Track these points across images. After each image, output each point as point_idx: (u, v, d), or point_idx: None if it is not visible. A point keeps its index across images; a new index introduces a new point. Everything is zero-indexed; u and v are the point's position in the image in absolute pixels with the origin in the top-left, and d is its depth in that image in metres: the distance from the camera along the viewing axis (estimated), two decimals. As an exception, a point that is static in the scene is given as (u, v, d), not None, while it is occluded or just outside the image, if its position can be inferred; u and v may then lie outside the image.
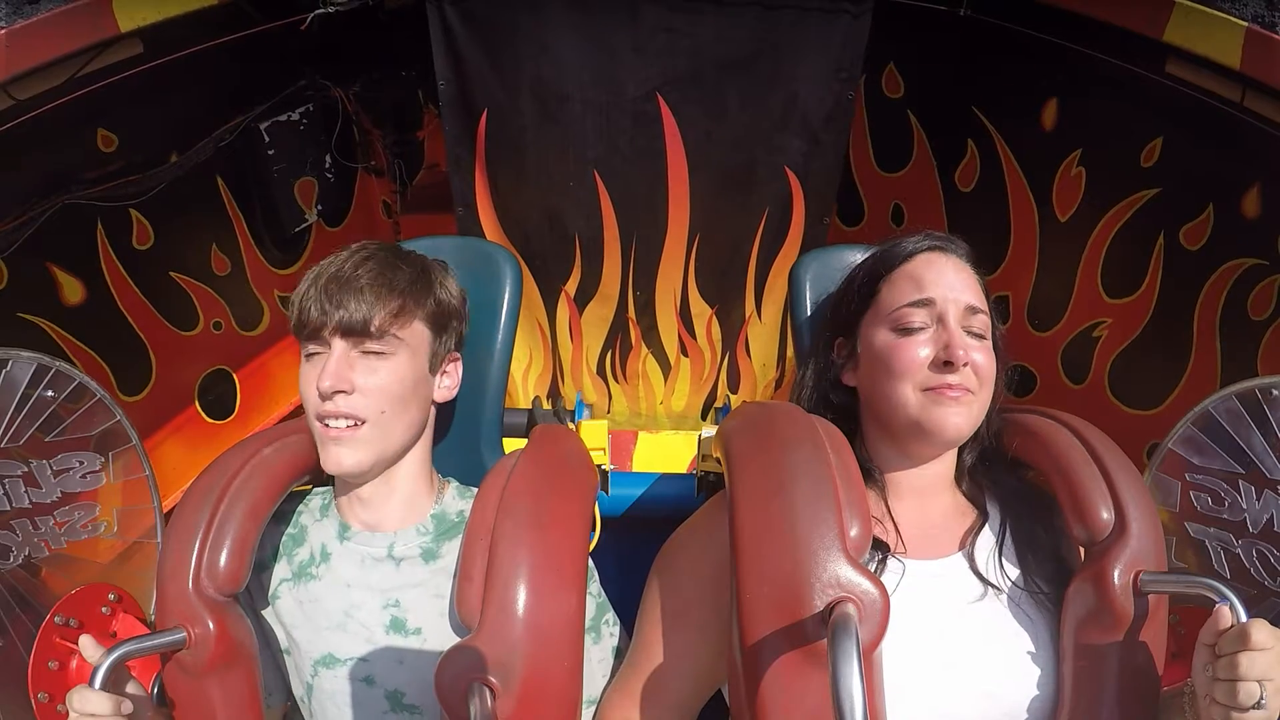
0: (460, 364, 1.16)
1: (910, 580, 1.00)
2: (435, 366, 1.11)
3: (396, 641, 1.06)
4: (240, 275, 2.33)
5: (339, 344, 1.02)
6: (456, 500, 1.15)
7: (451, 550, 1.09)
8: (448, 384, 1.14)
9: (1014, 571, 1.03)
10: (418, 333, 1.07)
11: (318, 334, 1.03)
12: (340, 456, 1.02)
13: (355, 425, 1.02)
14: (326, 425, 1.02)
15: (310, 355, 1.06)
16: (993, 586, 1.01)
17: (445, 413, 1.25)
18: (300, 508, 1.16)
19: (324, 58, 2.38)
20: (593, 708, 1.11)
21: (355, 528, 1.10)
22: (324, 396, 1.01)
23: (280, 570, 1.12)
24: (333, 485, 1.16)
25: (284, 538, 1.14)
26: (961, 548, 1.04)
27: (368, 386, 1.02)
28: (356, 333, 1.02)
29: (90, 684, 0.88)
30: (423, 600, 1.07)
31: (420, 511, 1.12)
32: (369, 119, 2.68)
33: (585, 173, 2.04)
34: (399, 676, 1.05)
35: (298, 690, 1.12)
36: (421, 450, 1.13)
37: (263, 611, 1.12)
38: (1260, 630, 0.79)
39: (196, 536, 1.00)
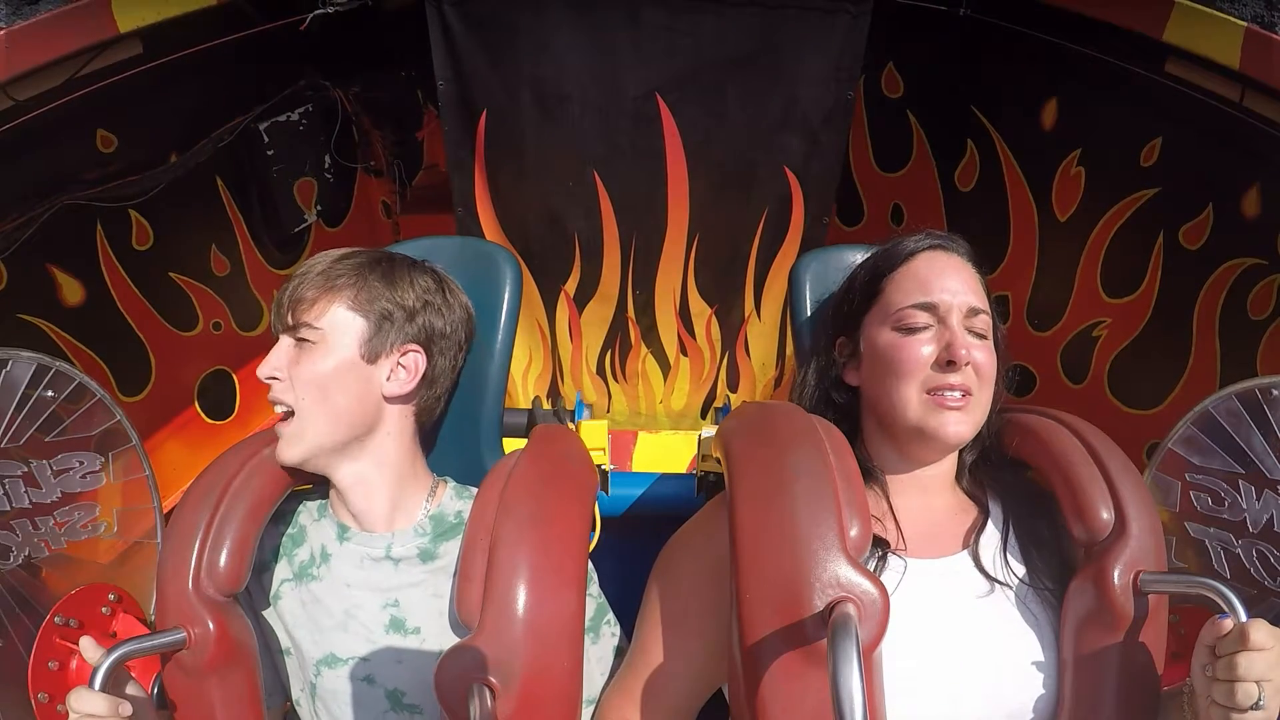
0: (421, 357, 1.12)
1: (915, 579, 1.00)
2: (373, 357, 1.07)
3: (396, 641, 1.06)
4: (240, 276, 2.33)
5: (283, 335, 1.08)
6: (454, 501, 1.14)
7: (449, 551, 1.08)
8: (402, 377, 1.10)
9: (1020, 568, 1.03)
10: (341, 320, 1.06)
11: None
12: (279, 448, 1.07)
13: (289, 417, 1.06)
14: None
15: None
16: (999, 583, 1.01)
17: (444, 413, 1.25)
18: (299, 508, 1.16)
19: (323, 58, 2.38)
20: (592, 707, 1.11)
21: (352, 528, 1.10)
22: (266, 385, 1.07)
23: (281, 570, 1.12)
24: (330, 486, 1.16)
25: (284, 538, 1.14)
26: (966, 545, 1.04)
27: (292, 373, 1.05)
28: (288, 323, 1.07)
29: (90, 684, 0.88)
30: (421, 600, 1.07)
31: (413, 512, 1.12)
32: (368, 119, 2.68)
33: (585, 173, 2.04)
34: (399, 676, 1.05)
35: (297, 691, 1.12)
36: (398, 448, 1.11)
37: (263, 612, 1.12)
38: (1259, 631, 0.79)
39: (196, 536, 1.00)
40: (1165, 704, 0.96)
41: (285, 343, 1.07)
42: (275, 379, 1.06)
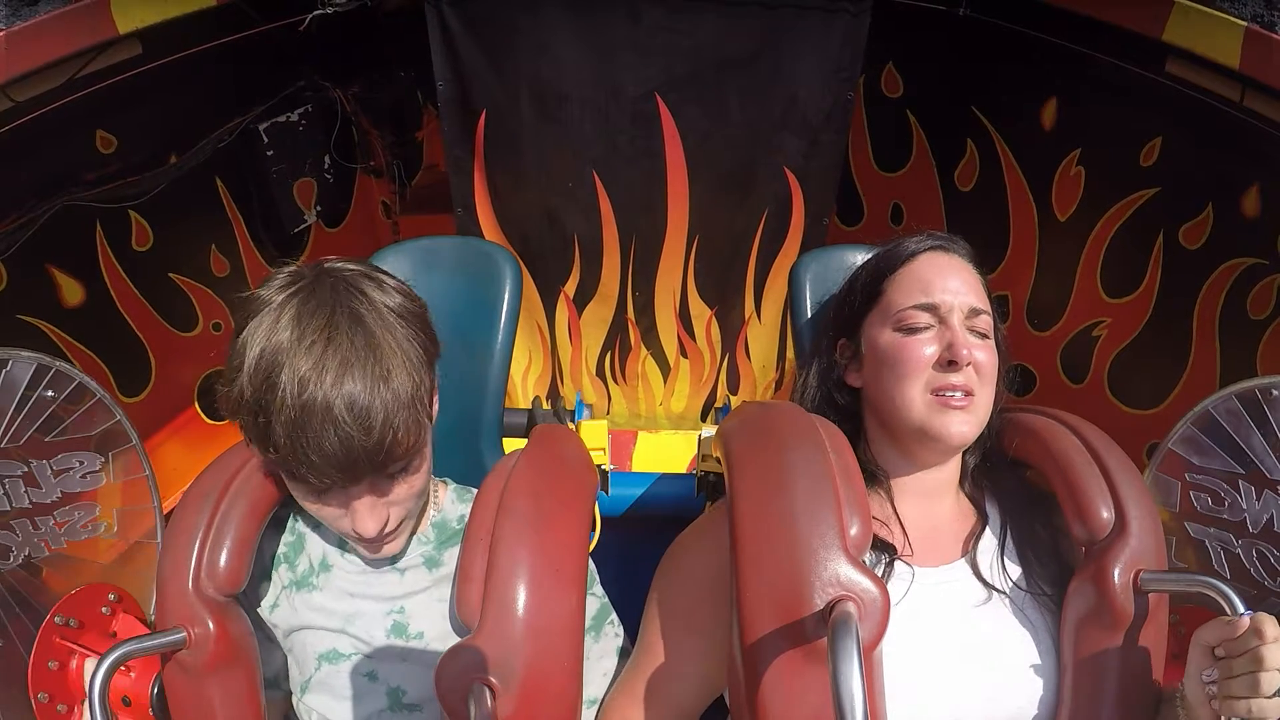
0: (436, 391, 1.07)
1: (916, 587, 1.00)
2: (428, 437, 1.01)
3: (398, 644, 1.05)
4: (239, 276, 2.33)
5: (363, 493, 0.94)
6: (456, 505, 1.14)
7: (453, 557, 1.08)
8: (434, 415, 1.06)
9: (1016, 573, 1.03)
10: (425, 439, 0.98)
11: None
12: (377, 550, 1.02)
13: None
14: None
15: (313, 487, 0.92)
16: (996, 591, 1.01)
17: (445, 413, 1.25)
18: (298, 512, 1.16)
19: (323, 58, 2.39)
20: (593, 708, 1.11)
21: None
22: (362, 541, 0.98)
23: (282, 576, 1.12)
24: None
25: (284, 546, 1.13)
26: (964, 553, 1.04)
27: (398, 507, 0.98)
28: (385, 468, 0.92)
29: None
30: (426, 605, 1.07)
31: (419, 519, 1.11)
32: (368, 119, 2.68)
33: (584, 173, 2.04)
34: (401, 674, 1.05)
35: (297, 686, 1.12)
36: None
37: (263, 616, 1.11)
38: (1270, 625, 0.80)
39: (196, 537, 0.99)
40: (1160, 705, 0.95)
41: (374, 492, 0.95)
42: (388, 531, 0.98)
